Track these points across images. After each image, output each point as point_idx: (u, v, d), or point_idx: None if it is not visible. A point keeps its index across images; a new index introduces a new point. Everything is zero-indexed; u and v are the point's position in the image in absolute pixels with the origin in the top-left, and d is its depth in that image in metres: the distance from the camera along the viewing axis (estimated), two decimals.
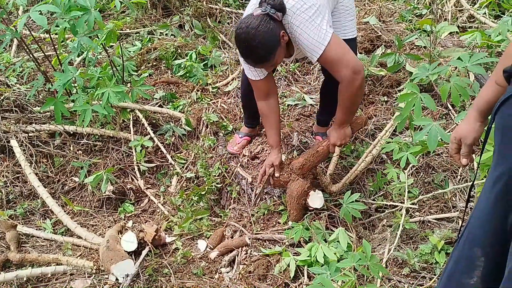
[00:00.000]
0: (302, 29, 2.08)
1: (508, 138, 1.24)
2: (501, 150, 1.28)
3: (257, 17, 2.02)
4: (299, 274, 2.27)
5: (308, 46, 2.11)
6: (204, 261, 2.45)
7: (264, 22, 2.01)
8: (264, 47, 2.04)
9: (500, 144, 1.28)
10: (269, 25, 2.02)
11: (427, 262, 2.21)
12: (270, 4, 2.02)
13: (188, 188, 2.92)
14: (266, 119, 2.51)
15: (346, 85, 2.17)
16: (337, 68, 2.15)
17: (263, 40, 2.01)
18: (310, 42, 2.09)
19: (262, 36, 2.00)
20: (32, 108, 3.24)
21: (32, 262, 2.45)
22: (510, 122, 1.23)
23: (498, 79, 1.38)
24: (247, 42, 2.03)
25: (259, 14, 2.02)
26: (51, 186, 2.99)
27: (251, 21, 2.02)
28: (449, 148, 1.58)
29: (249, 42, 2.02)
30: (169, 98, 3.49)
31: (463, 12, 3.84)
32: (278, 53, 2.11)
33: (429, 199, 2.54)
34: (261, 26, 2.00)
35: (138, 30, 4.36)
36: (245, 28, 2.01)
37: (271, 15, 2.02)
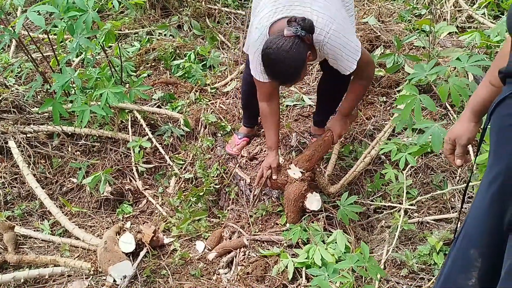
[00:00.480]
0: (340, 49, 2.13)
1: (504, 138, 1.24)
2: (497, 151, 1.27)
3: (289, 39, 1.99)
4: (297, 276, 2.26)
5: (346, 64, 2.19)
6: (202, 262, 2.44)
7: (295, 45, 1.99)
8: (293, 70, 2.05)
9: (496, 145, 1.27)
10: (299, 49, 2.01)
11: (425, 263, 2.20)
12: (300, 25, 2.00)
13: (187, 189, 2.92)
14: (266, 119, 2.51)
15: (365, 82, 2.39)
16: (361, 71, 2.27)
17: (294, 63, 2.02)
18: (347, 60, 2.17)
19: (293, 59, 2.01)
20: (30, 109, 3.24)
21: (29, 263, 2.45)
22: (505, 123, 1.22)
23: (492, 80, 1.37)
24: (277, 64, 2.03)
25: (290, 35, 1.99)
26: (49, 187, 2.98)
27: (282, 42, 1.99)
28: (444, 148, 1.58)
29: (279, 65, 2.03)
30: (167, 98, 3.48)
31: (462, 12, 3.83)
32: (303, 73, 2.14)
33: (427, 200, 2.53)
34: (293, 50, 1.99)
35: (136, 30, 4.36)
36: (276, 49, 1.99)
37: (302, 37, 2.01)
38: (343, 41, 2.12)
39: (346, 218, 2.34)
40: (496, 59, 1.41)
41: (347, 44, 2.14)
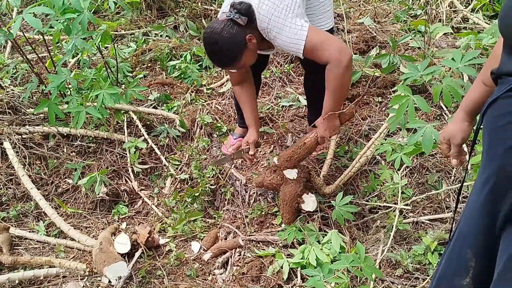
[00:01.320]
0: (280, 34, 2.12)
1: (496, 139, 1.24)
2: (489, 152, 1.27)
3: (221, 22, 2.10)
4: (292, 276, 2.27)
5: (291, 47, 2.14)
6: (197, 263, 2.44)
7: (227, 27, 2.08)
8: (227, 52, 2.12)
9: (488, 146, 1.28)
10: (232, 30, 2.08)
11: (420, 263, 2.21)
12: (236, 8, 2.09)
13: (182, 190, 2.92)
14: (240, 99, 2.56)
15: (333, 66, 2.11)
16: (321, 53, 2.12)
17: (226, 45, 2.09)
18: (290, 42, 2.12)
19: (225, 41, 2.08)
20: (25, 110, 3.23)
21: (24, 264, 2.44)
22: (497, 124, 1.23)
23: (485, 80, 1.38)
24: (211, 46, 2.12)
25: (223, 19, 2.10)
26: (45, 188, 2.98)
27: (215, 26, 2.10)
28: (441, 149, 1.58)
29: (212, 47, 2.11)
30: (163, 99, 3.48)
31: (457, 13, 3.84)
32: (245, 56, 2.17)
33: (422, 199, 2.54)
34: (224, 32, 2.08)
35: (133, 31, 4.35)
36: (210, 33, 2.10)
37: (234, 20, 2.09)
38: (284, 23, 2.10)
39: (341, 218, 2.34)
40: (488, 60, 1.41)
41: (289, 28, 2.09)
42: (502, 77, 1.23)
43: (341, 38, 3.76)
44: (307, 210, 2.49)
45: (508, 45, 1.20)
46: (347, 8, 4.18)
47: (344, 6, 4.10)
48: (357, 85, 3.32)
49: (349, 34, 3.79)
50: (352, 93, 3.24)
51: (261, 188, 2.66)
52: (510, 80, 1.18)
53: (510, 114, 1.19)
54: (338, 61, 2.09)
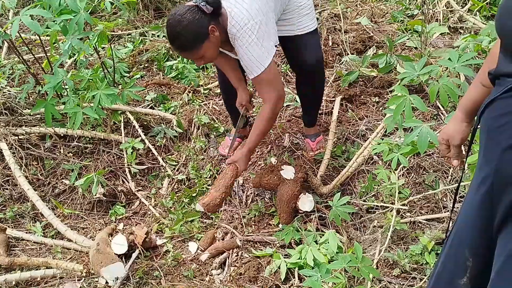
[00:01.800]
0: (247, 48, 2.15)
1: (492, 140, 1.24)
2: (486, 153, 1.28)
3: (186, 6, 2.10)
4: (290, 276, 2.27)
5: (249, 64, 2.19)
6: (195, 263, 2.44)
7: (191, 11, 2.08)
8: (187, 35, 2.08)
9: (485, 147, 1.28)
10: (195, 15, 2.07)
11: (417, 262, 2.21)
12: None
13: (180, 190, 2.91)
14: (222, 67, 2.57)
15: (270, 107, 2.27)
16: (267, 89, 2.26)
17: (187, 28, 2.06)
18: (252, 61, 2.17)
19: (186, 24, 2.06)
20: (22, 110, 3.22)
21: (21, 265, 2.43)
22: (494, 125, 1.23)
23: (483, 80, 1.38)
24: (172, 27, 2.09)
25: (189, 4, 2.10)
26: (41, 189, 2.97)
27: (179, 8, 2.10)
28: (440, 149, 1.58)
29: (173, 28, 2.09)
30: (160, 99, 3.47)
31: (454, 13, 3.85)
32: (206, 46, 2.13)
33: (419, 199, 2.54)
34: (187, 15, 2.07)
35: (129, 31, 4.35)
36: (173, 15, 2.09)
37: (199, 7, 2.08)
38: (254, 40, 2.13)
39: (338, 218, 2.34)
40: (486, 60, 1.41)
41: (257, 47, 2.14)
42: (499, 78, 1.23)
43: (338, 38, 3.77)
44: (304, 210, 2.49)
45: (505, 46, 1.20)
46: (344, 8, 4.18)
47: (341, 6, 4.10)
48: (354, 85, 3.32)
49: (346, 34, 3.79)
50: (349, 93, 3.24)
51: (258, 188, 2.66)
52: (507, 81, 1.18)
53: (508, 114, 1.19)
54: (274, 106, 2.27)
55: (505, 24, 1.15)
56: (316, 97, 2.77)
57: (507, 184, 1.21)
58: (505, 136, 1.19)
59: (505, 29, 1.16)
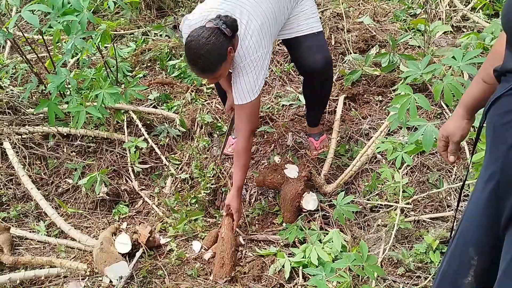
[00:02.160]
0: (243, 77, 2.26)
1: (499, 137, 1.24)
2: (492, 150, 1.27)
3: (209, 29, 2.10)
4: (294, 275, 2.27)
5: (240, 92, 2.29)
6: (198, 262, 2.44)
7: (214, 34, 2.09)
8: (210, 58, 2.12)
9: (491, 144, 1.27)
10: (219, 39, 2.10)
11: (422, 261, 2.20)
12: (223, 20, 2.11)
13: (183, 189, 2.91)
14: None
15: (243, 140, 2.37)
16: (245, 120, 2.36)
17: (211, 51, 2.09)
18: (243, 90, 2.28)
19: (211, 47, 2.09)
20: (25, 110, 3.22)
21: (25, 264, 2.43)
22: (500, 122, 1.22)
23: (484, 77, 1.38)
24: (196, 50, 2.10)
25: (211, 27, 2.10)
26: (45, 188, 2.97)
27: (202, 31, 2.10)
28: (437, 145, 1.58)
29: (197, 51, 2.10)
30: (163, 99, 3.47)
31: (457, 12, 3.84)
32: (223, 67, 2.20)
33: (423, 198, 2.54)
34: (211, 38, 2.09)
35: (132, 31, 4.35)
36: (196, 37, 2.09)
37: (222, 30, 2.10)
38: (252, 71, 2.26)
39: (342, 217, 2.34)
40: (488, 57, 1.41)
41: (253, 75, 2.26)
42: (506, 75, 1.22)
43: (341, 37, 3.76)
44: (308, 209, 2.49)
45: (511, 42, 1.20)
46: (346, 7, 4.18)
47: (344, 5, 4.10)
48: (357, 84, 3.32)
49: (348, 33, 3.78)
50: (352, 92, 3.23)
51: (262, 187, 2.66)
52: None
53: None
54: (248, 139, 2.38)
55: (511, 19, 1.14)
56: (323, 98, 2.77)
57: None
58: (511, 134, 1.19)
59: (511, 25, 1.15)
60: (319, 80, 2.58)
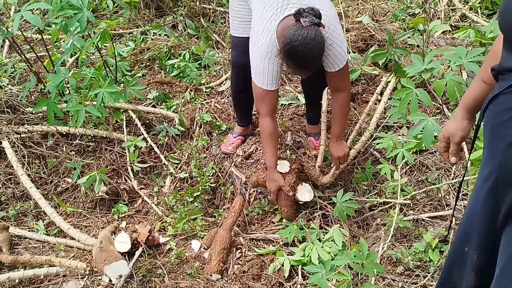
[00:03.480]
0: (338, 44, 2.26)
1: (496, 135, 1.24)
2: (490, 148, 1.28)
3: (310, 28, 2.05)
4: (293, 274, 2.27)
5: (338, 58, 2.30)
6: (198, 261, 2.44)
7: (318, 32, 2.07)
8: (321, 56, 2.15)
9: (489, 142, 1.28)
10: (321, 35, 2.09)
11: (421, 260, 2.21)
12: (310, 14, 2.06)
13: (182, 188, 2.91)
14: (270, 138, 2.46)
15: (348, 95, 2.47)
16: (346, 79, 2.43)
17: (320, 49, 2.11)
18: (341, 55, 2.30)
19: (320, 45, 2.09)
20: (24, 109, 3.22)
21: (24, 263, 2.43)
22: (498, 120, 1.23)
23: (485, 77, 1.38)
24: (307, 54, 2.07)
25: (309, 25, 2.05)
26: (44, 187, 2.96)
27: (306, 33, 2.04)
28: (438, 146, 1.59)
29: (309, 54, 2.07)
30: (162, 98, 3.47)
31: (456, 11, 3.85)
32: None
33: (422, 197, 2.54)
34: (318, 37, 2.06)
35: (131, 30, 4.34)
36: (303, 40, 2.04)
37: (319, 24, 2.08)
38: (341, 36, 2.27)
39: (343, 215, 2.34)
40: (488, 57, 1.42)
41: (343, 40, 2.28)
42: (503, 73, 1.23)
43: None
44: (304, 201, 2.49)
45: (509, 40, 1.20)
46: (345, 6, 4.18)
47: (343, 5, 4.10)
48: (356, 83, 3.32)
49: (347, 33, 3.79)
50: (351, 91, 3.23)
51: (257, 187, 2.66)
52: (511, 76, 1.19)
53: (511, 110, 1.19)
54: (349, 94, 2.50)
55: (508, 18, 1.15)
56: (322, 95, 2.80)
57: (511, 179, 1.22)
58: (509, 131, 1.19)
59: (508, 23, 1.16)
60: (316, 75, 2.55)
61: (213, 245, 2.40)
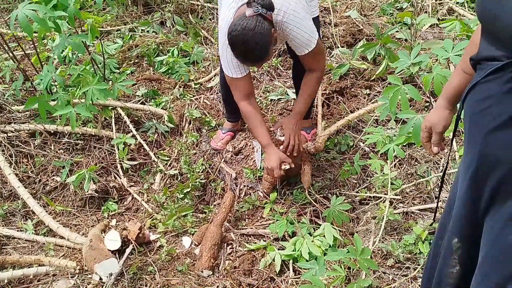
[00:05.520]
0: (298, 27, 2.21)
1: (475, 125, 1.25)
2: (470, 137, 1.29)
3: (252, 18, 2.06)
4: (285, 268, 2.27)
5: (304, 42, 2.27)
6: (189, 258, 2.43)
7: (259, 22, 2.06)
8: (261, 47, 2.10)
9: (469, 131, 1.29)
10: (263, 25, 2.07)
11: (411, 252, 2.22)
12: (260, 4, 2.07)
13: (172, 185, 2.90)
14: (252, 119, 2.48)
15: (318, 75, 2.45)
16: (318, 58, 2.39)
17: (261, 40, 2.07)
18: (306, 38, 2.26)
19: (260, 37, 2.06)
20: (10, 107, 3.18)
21: (13, 264, 2.40)
22: (476, 109, 1.24)
23: (465, 67, 1.39)
24: (245, 44, 2.07)
25: (252, 15, 2.06)
26: (32, 186, 2.93)
27: (246, 22, 2.05)
28: (421, 136, 1.59)
29: (247, 44, 2.07)
30: (151, 95, 3.45)
31: (443, 5, 3.87)
32: (271, 50, 2.18)
33: (412, 190, 2.56)
34: (257, 27, 2.05)
35: (119, 27, 4.31)
36: (242, 30, 2.05)
37: (263, 15, 2.07)
38: (301, 19, 2.22)
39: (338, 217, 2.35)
40: (467, 47, 1.43)
41: (304, 22, 2.23)
42: (481, 63, 1.24)
43: (328, 32, 3.77)
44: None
45: (486, 30, 1.21)
46: (333, 1, 4.18)
47: (331, 0, 4.10)
48: (345, 78, 3.32)
49: (336, 27, 3.79)
50: (340, 86, 3.24)
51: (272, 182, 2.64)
52: (489, 65, 1.20)
53: (489, 98, 1.20)
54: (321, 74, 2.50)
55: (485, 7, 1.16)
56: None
57: (491, 168, 1.23)
58: (488, 120, 1.21)
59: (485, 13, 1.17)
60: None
61: (204, 241, 2.40)
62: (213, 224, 2.44)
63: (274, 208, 2.57)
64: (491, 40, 1.19)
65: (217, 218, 2.46)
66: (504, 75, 1.15)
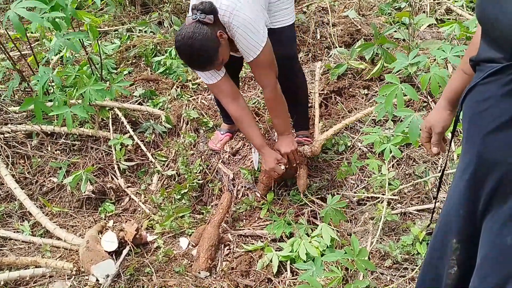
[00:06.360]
0: (243, 30, 2.14)
1: (474, 125, 1.25)
2: (468, 138, 1.29)
3: (190, 26, 2.07)
4: (282, 269, 2.26)
5: (247, 46, 2.19)
6: (186, 259, 2.42)
7: (197, 29, 2.05)
8: (204, 53, 2.08)
9: (467, 132, 1.29)
10: (202, 31, 2.05)
11: (409, 253, 2.21)
12: (199, 9, 2.07)
13: (169, 186, 2.89)
14: (243, 120, 2.44)
15: (271, 90, 2.35)
16: (265, 72, 2.30)
17: (201, 46, 2.06)
18: (249, 42, 2.18)
19: (199, 43, 2.05)
20: (7, 108, 3.17)
21: (10, 265, 2.39)
22: (475, 110, 1.24)
23: (465, 68, 1.39)
24: (187, 52, 2.08)
25: (191, 23, 2.07)
26: (29, 187, 2.92)
27: (185, 31, 2.06)
28: (421, 137, 1.59)
29: (188, 52, 2.08)
30: (148, 95, 3.44)
31: (441, 5, 3.86)
32: (221, 52, 2.14)
33: (410, 190, 2.55)
34: (196, 34, 2.04)
35: (116, 27, 4.30)
36: (182, 40, 2.06)
37: (202, 21, 2.06)
38: (248, 22, 2.14)
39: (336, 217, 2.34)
40: (468, 48, 1.43)
41: (252, 25, 2.15)
42: (480, 64, 1.24)
43: (326, 32, 3.76)
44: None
45: (485, 32, 1.21)
46: (331, 1, 4.17)
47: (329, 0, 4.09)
48: (343, 78, 3.32)
49: (334, 27, 3.79)
50: (338, 86, 3.24)
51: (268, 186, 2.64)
52: (488, 67, 1.19)
53: (488, 100, 1.20)
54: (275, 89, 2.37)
55: (485, 9, 1.15)
56: (291, 95, 2.59)
57: (490, 169, 1.23)
58: (487, 121, 1.20)
59: (485, 15, 1.17)
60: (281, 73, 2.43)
61: (201, 242, 2.39)
62: (211, 225, 2.43)
63: (272, 209, 2.57)
64: (490, 42, 1.19)
65: (215, 219, 2.45)
66: (503, 78, 1.15)
